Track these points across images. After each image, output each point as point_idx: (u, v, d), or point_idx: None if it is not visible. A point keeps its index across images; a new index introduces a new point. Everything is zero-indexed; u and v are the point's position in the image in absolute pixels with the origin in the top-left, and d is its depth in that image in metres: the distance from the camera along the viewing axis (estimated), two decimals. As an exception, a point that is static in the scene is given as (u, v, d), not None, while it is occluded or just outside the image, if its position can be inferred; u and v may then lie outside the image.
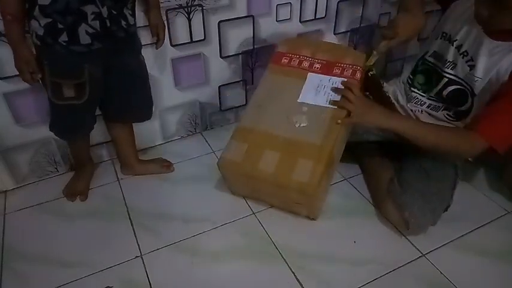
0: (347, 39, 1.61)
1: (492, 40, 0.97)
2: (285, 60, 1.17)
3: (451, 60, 1.06)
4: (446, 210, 1.09)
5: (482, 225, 1.12)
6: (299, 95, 1.09)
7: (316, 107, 1.06)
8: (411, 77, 1.19)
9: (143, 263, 1.02)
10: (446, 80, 1.07)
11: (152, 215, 1.16)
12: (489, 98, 0.98)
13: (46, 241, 1.08)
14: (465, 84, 1.03)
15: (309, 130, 1.03)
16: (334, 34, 1.56)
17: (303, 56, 1.17)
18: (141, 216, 1.16)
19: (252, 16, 1.34)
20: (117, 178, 1.30)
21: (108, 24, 0.93)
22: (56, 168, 1.31)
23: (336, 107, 1.04)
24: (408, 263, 1.02)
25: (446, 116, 1.11)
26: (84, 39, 0.92)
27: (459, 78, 1.05)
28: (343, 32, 1.57)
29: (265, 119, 1.08)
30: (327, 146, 1.01)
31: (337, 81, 1.09)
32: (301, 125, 1.04)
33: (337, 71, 1.11)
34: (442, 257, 1.03)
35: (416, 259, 1.03)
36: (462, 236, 1.09)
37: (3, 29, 0.93)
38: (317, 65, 1.13)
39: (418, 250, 1.05)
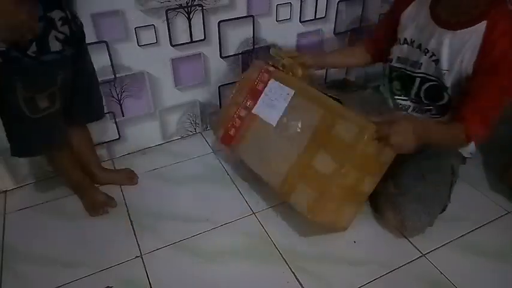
0: (347, 39, 1.61)
1: (447, 31, 0.99)
2: (232, 131, 1.19)
3: (416, 61, 1.08)
4: (443, 210, 1.09)
5: (482, 225, 1.12)
6: (271, 123, 1.09)
7: (287, 109, 1.07)
8: (390, 85, 1.19)
9: (143, 263, 1.02)
10: (419, 79, 1.09)
11: (152, 215, 1.16)
12: (462, 87, 1.00)
13: (46, 241, 1.08)
14: (436, 79, 1.05)
15: (306, 119, 1.03)
16: (334, 34, 1.56)
17: (235, 114, 1.18)
18: (141, 216, 1.16)
19: (252, 16, 1.34)
20: (117, 178, 1.31)
21: (73, 27, 0.91)
22: (56, 168, 1.31)
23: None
24: (408, 263, 1.02)
25: (431, 116, 1.12)
26: (55, 46, 0.86)
27: (429, 75, 1.07)
28: (343, 32, 1.57)
29: (276, 163, 1.06)
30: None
31: (272, 89, 1.11)
32: (298, 128, 1.03)
33: (260, 86, 1.14)
34: (442, 257, 1.03)
35: (416, 259, 1.03)
36: (462, 236, 1.09)
37: None
38: (248, 102, 1.16)
39: (418, 250, 1.05)
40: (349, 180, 0.96)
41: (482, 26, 0.93)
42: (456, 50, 0.97)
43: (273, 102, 1.10)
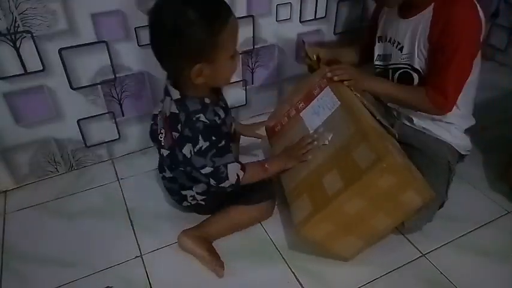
0: (347, 39, 1.61)
1: (407, 19, 1.08)
2: (278, 128, 1.19)
3: (388, 54, 1.17)
4: (441, 206, 1.10)
5: (482, 225, 1.12)
6: (308, 129, 1.07)
7: (327, 119, 1.04)
8: None
9: (143, 263, 1.02)
10: (391, 70, 1.17)
11: (152, 215, 1.16)
12: (426, 62, 1.07)
13: (46, 241, 1.08)
14: (404, 65, 1.12)
15: (337, 134, 0.98)
16: (334, 34, 1.56)
17: (286, 113, 1.19)
18: (141, 216, 1.16)
19: (252, 16, 1.34)
20: (117, 178, 1.31)
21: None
22: (56, 168, 1.31)
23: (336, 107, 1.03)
24: (408, 263, 1.02)
25: None
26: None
27: (397, 63, 1.14)
28: (343, 32, 1.57)
29: (299, 167, 1.03)
30: (364, 122, 0.95)
31: (324, 97, 1.09)
32: (326, 141, 1.00)
33: (316, 91, 1.13)
34: (442, 257, 1.03)
35: (416, 259, 1.03)
36: (462, 236, 1.09)
37: None
38: (301, 104, 1.15)
39: (418, 250, 1.05)
40: (351, 208, 0.88)
41: (430, 7, 1.03)
42: (413, 33, 1.07)
43: (319, 110, 1.08)
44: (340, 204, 0.88)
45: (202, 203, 1.07)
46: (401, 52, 1.11)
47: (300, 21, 1.45)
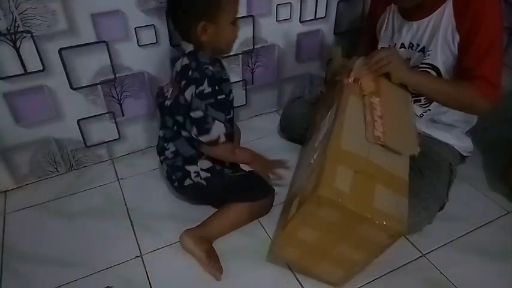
0: (347, 39, 1.61)
1: (419, 21, 1.07)
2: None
3: (404, 59, 1.12)
4: (442, 208, 1.10)
5: (482, 225, 1.12)
6: (316, 142, 1.02)
7: (324, 134, 0.97)
8: None
9: (143, 263, 1.02)
10: None
11: (152, 215, 1.16)
12: (454, 57, 1.04)
13: (46, 241, 1.08)
14: (424, 66, 1.09)
15: (319, 152, 0.91)
16: (334, 34, 1.56)
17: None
18: (141, 216, 1.16)
19: (252, 16, 1.34)
20: (117, 178, 1.31)
21: None
22: (56, 168, 1.31)
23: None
24: (408, 263, 1.02)
25: (420, 106, 1.16)
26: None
27: (418, 65, 1.10)
28: (343, 32, 1.57)
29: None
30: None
31: (331, 109, 1.02)
32: (312, 159, 0.93)
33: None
34: (442, 257, 1.03)
35: (416, 259, 1.03)
36: (462, 236, 1.09)
37: None
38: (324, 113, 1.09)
39: (418, 250, 1.05)
40: (307, 235, 0.85)
41: (449, 3, 1.01)
42: (432, 32, 1.04)
43: (328, 122, 1.00)
44: (293, 231, 0.86)
45: (204, 182, 1.09)
46: (423, 53, 1.08)
47: (300, 21, 1.45)
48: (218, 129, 0.98)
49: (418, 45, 1.09)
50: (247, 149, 1.13)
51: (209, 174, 1.09)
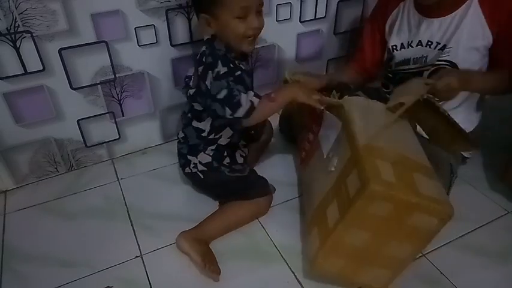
0: (347, 39, 1.61)
1: (440, 18, 1.06)
2: (303, 155, 1.16)
3: (421, 56, 1.13)
4: None
5: (482, 225, 1.12)
6: (323, 154, 1.01)
7: (335, 141, 0.96)
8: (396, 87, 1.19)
9: (143, 263, 1.02)
10: (427, 72, 1.12)
11: (152, 215, 1.16)
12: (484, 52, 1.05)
13: (46, 241, 1.08)
14: (441, 62, 1.09)
15: (339, 158, 0.90)
16: (334, 34, 1.56)
17: (306, 138, 1.16)
18: (141, 216, 1.16)
19: (252, 16, 1.34)
20: (117, 178, 1.31)
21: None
22: (56, 168, 1.31)
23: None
24: (408, 263, 1.02)
25: None
26: (240, 160, 1.18)
27: (435, 63, 1.10)
28: (343, 32, 1.57)
29: (313, 197, 1.00)
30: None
31: (327, 116, 1.01)
32: (332, 167, 0.91)
33: (319, 111, 1.03)
34: (442, 257, 1.03)
35: (416, 259, 1.03)
36: (462, 236, 1.09)
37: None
38: (314, 126, 1.10)
39: (418, 250, 1.05)
40: (354, 239, 0.83)
41: (471, 1, 1.01)
42: (455, 29, 1.04)
43: (328, 132, 1.01)
44: (340, 237, 0.83)
45: (201, 175, 1.12)
46: (442, 51, 1.08)
47: (300, 21, 1.45)
48: (248, 96, 0.94)
49: (438, 43, 1.08)
50: (279, 88, 1.03)
51: (206, 169, 1.11)
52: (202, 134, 1.10)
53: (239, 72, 0.97)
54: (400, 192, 0.76)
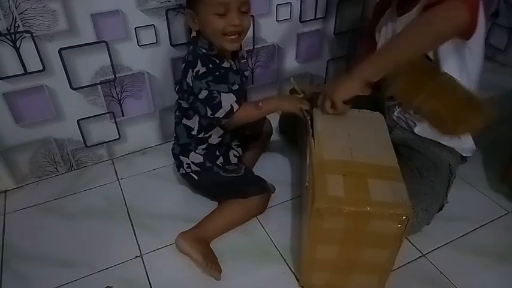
0: (347, 39, 1.61)
1: (408, 13, 1.02)
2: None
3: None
4: (441, 209, 1.09)
5: (482, 225, 1.12)
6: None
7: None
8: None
9: (143, 263, 1.02)
10: None
11: (152, 215, 1.16)
12: None
13: (46, 241, 1.08)
14: None
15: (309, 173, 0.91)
16: (334, 34, 1.56)
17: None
18: (141, 216, 1.16)
19: (252, 16, 1.34)
20: (117, 178, 1.31)
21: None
22: (56, 168, 1.31)
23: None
24: (408, 263, 1.02)
25: None
26: (233, 160, 1.17)
27: None
28: (343, 32, 1.57)
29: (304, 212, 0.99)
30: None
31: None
32: (306, 182, 0.92)
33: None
34: (442, 257, 1.03)
35: (416, 259, 1.03)
36: (462, 236, 1.09)
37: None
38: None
39: (418, 250, 1.05)
40: (327, 254, 0.85)
41: None
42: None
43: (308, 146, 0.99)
44: (311, 254, 0.86)
45: (195, 176, 1.13)
46: None
47: (300, 21, 1.45)
48: (228, 99, 0.97)
49: None
50: (269, 97, 1.09)
51: (199, 169, 1.11)
52: (192, 133, 1.10)
53: (218, 73, 0.98)
54: (348, 205, 0.77)
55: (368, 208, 0.76)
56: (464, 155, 1.16)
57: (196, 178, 1.13)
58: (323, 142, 0.91)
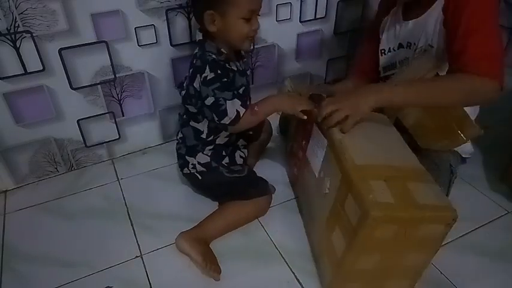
0: (347, 39, 1.61)
1: (416, 19, 1.06)
2: (295, 171, 1.17)
3: (404, 58, 1.13)
4: None
5: (482, 225, 1.12)
6: (315, 173, 1.00)
7: (323, 160, 0.95)
8: None
9: (143, 263, 1.02)
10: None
11: (152, 215, 1.16)
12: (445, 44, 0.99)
13: (46, 241, 1.08)
14: None
15: (332, 179, 0.88)
16: (334, 34, 1.56)
17: (296, 154, 1.16)
18: (141, 216, 1.16)
19: (252, 16, 1.34)
20: (117, 178, 1.31)
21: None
22: (56, 168, 1.31)
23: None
24: (408, 263, 1.02)
25: None
26: (239, 161, 1.17)
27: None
28: (343, 32, 1.57)
29: (316, 223, 0.98)
30: None
31: (314, 133, 1.00)
32: (326, 189, 0.90)
33: (308, 126, 1.04)
34: (442, 257, 1.03)
35: (416, 259, 1.03)
36: (462, 236, 1.09)
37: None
38: (303, 142, 1.09)
39: (418, 250, 1.05)
40: (366, 264, 0.81)
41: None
42: (427, 29, 1.03)
43: (315, 149, 0.99)
44: (350, 266, 0.82)
45: (199, 176, 1.13)
46: (423, 50, 1.07)
47: (300, 21, 1.45)
48: (234, 105, 0.98)
49: (415, 44, 1.09)
50: (264, 98, 1.04)
51: (204, 169, 1.11)
52: (201, 136, 1.10)
53: (226, 79, 0.98)
54: (402, 211, 0.75)
55: (420, 213, 0.75)
56: (463, 156, 1.16)
57: (200, 178, 1.14)
58: (346, 146, 0.86)
